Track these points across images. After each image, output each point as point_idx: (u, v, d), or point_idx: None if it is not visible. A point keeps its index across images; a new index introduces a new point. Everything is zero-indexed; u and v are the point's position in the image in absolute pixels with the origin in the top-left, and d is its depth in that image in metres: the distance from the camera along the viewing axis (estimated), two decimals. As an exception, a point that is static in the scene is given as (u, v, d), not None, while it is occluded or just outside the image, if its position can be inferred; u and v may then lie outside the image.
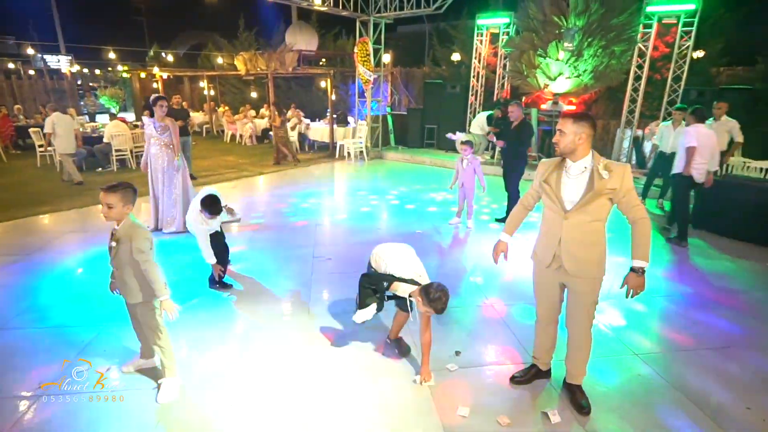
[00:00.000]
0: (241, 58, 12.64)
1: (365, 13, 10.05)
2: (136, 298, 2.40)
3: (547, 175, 2.34)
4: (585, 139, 2.17)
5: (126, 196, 2.27)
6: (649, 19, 8.50)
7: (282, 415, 2.43)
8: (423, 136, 11.88)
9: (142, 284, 2.37)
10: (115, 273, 2.41)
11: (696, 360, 3.02)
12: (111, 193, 2.25)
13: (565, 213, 2.26)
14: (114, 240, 2.31)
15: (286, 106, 14.78)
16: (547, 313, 2.57)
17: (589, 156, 2.22)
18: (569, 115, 2.21)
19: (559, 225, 2.29)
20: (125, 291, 2.40)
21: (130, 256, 2.29)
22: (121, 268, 2.34)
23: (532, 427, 2.39)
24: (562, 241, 2.29)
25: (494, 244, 2.67)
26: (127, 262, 2.31)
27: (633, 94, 8.97)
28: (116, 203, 2.25)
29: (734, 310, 3.73)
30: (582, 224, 2.24)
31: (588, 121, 2.18)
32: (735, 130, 5.95)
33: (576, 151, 2.20)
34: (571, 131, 2.18)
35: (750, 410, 2.55)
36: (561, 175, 2.28)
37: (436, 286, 2.43)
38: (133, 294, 2.39)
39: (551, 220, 2.35)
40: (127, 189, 2.29)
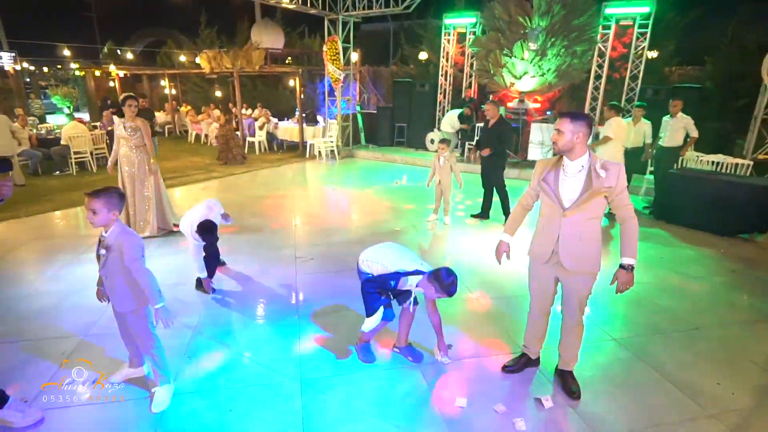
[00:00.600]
0: (204, 56, 12.28)
1: (334, 11, 10.00)
2: (128, 307, 2.32)
3: (545, 173, 2.44)
4: (582, 137, 2.28)
5: (110, 201, 2.18)
6: (608, 21, 8.92)
7: (280, 417, 2.41)
8: (393, 134, 11.96)
9: (134, 292, 2.29)
10: (104, 281, 2.32)
11: (668, 342, 3.23)
12: (94, 198, 2.15)
13: (563, 211, 2.36)
14: (103, 247, 2.22)
15: (252, 106, 14.51)
16: (540, 305, 2.68)
17: (586, 155, 2.32)
18: (567, 114, 2.30)
19: (558, 222, 2.39)
20: (115, 299, 2.32)
21: (120, 263, 2.21)
22: (111, 276, 2.26)
23: (527, 413, 2.49)
24: (561, 237, 2.39)
25: (496, 245, 2.75)
26: (117, 270, 2.23)
27: (594, 92, 9.39)
28: (100, 209, 2.16)
29: (698, 295, 4.01)
30: (580, 222, 2.34)
31: (585, 120, 2.29)
32: (690, 126, 6.35)
33: (574, 150, 2.30)
34: (568, 130, 2.27)
35: (720, 385, 2.76)
36: (559, 174, 2.38)
37: (444, 271, 2.49)
38: (123, 302, 2.31)
39: (549, 218, 2.44)
40: (111, 194, 2.19)
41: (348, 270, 4.36)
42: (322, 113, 13.28)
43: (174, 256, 4.63)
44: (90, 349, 2.97)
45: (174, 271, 4.20)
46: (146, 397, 2.52)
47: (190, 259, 3.71)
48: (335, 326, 3.34)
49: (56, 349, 2.94)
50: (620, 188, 2.29)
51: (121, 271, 2.23)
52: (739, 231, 5.61)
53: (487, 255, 4.90)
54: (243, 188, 7.88)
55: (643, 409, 2.54)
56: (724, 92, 8.15)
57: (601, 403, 2.57)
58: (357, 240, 5.16)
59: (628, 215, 2.34)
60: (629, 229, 2.35)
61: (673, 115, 6.37)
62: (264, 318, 3.47)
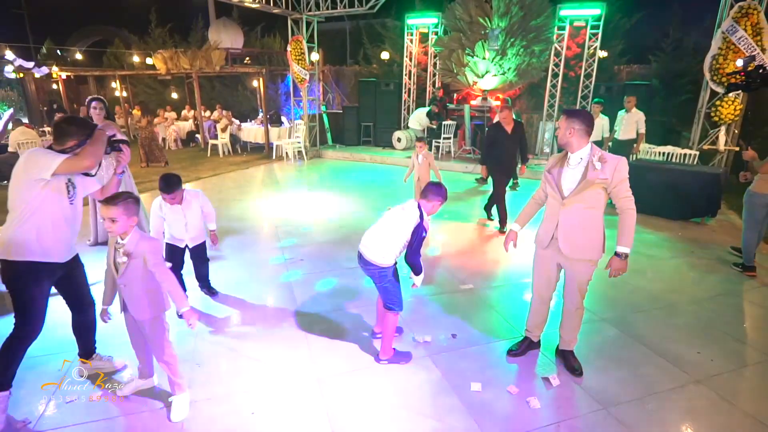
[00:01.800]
0: (160, 57, 11.79)
1: (297, 10, 9.90)
2: (148, 314, 2.25)
3: (551, 166, 2.61)
4: (576, 132, 2.45)
5: (129, 207, 2.11)
6: (562, 22, 9.43)
7: (305, 415, 2.43)
8: (360, 133, 12.01)
9: (155, 298, 2.24)
10: (122, 290, 2.23)
11: (649, 319, 3.52)
12: (113, 206, 2.06)
13: (562, 200, 2.54)
14: (123, 255, 2.14)
15: (210, 107, 14.08)
16: (542, 290, 2.85)
17: (586, 148, 2.50)
18: (564, 112, 2.49)
19: (558, 211, 2.56)
20: (135, 307, 2.25)
21: (143, 269, 2.15)
22: (131, 284, 2.19)
23: (537, 391, 2.65)
24: (560, 225, 2.56)
25: (506, 235, 2.91)
26: (139, 276, 2.17)
27: (552, 90, 9.88)
28: (120, 216, 2.07)
29: (667, 275, 4.37)
30: (578, 210, 2.51)
31: (578, 116, 2.46)
32: (641, 122, 6.85)
33: (571, 143, 2.48)
34: (563, 125, 2.45)
35: (700, 354, 3.05)
36: (563, 166, 2.55)
37: (433, 185, 2.75)
38: (144, 309, 2.24)
39: (552, 207, 2.63)
40: (128, 200, 2.12)
41: (340, 269, 4.40)
42: (285, 113, 13.11)
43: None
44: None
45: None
46: (161, 408, 2.45)
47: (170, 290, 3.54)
48: (339, 324, 3.37)
49: (57, 349, 2.80)
50: (617, 180, 2.45)
51: (143, 277, 2.17)
52: (691, 215, 6.13)
53: (473, 249, 5.09)
54: (213, 191, 7.66)
55: (638, 379, 2.77)
56: (668, 89, 8.85)
57: (600, 378, 2.78)
58: (342, 239, 5.19)
59: (627, 206, 2.49)
60: (626, 219, 2.50)
61: (627, 110, 6.85)
62: (266, 321, 3.44)
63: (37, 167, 2.16)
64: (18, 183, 2.21)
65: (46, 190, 2.21)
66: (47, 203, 2.22)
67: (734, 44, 6.43)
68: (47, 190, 2.22)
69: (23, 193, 2.20)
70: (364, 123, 11.89)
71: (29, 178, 2.17)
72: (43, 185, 2.19)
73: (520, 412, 2.48)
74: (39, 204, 2.20)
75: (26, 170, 2.18)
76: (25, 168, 2.18)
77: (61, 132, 2.28)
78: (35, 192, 2.19)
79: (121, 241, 2.16)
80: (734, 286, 4.12)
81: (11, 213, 2.25)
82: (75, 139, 2.28)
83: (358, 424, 2.38)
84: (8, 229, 2.25)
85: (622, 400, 2.58)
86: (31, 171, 2.16)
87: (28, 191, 2.19)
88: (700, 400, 2.60)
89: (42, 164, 2.16)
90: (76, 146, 2.28)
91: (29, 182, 2.18)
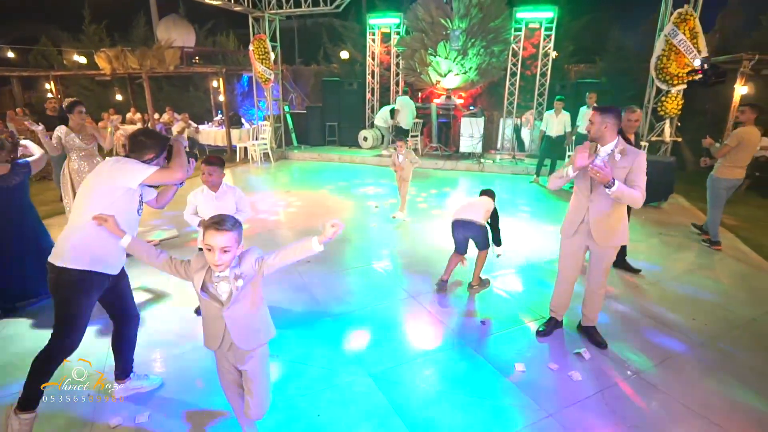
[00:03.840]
0: (103, 56, 10.96)
1: (259, 8, 9.65)
2: (258, 341, 1.97)
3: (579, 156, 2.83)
4: (609, 126, 2.71)
5: (240, 232, 1.82)
6: (519, 24, 9.96)
7: (370, 411, 2.49)
8: (324, 133, 11.94)
9: (263, 319, 2.00)
10: (227, 322, 1.87)
11: (645, 294, 3.91)
12: (226, 232, 1.74)
13: (591, 190, 2.78)
14: (235, 279, 1.82)
15: (160, 109, 13.31)
16: (569, 274, 3.09)
17: (615, 141, 2.76)
18: (596, 108, 2.73)
19: (586, 201, 2.80)
20: (244, 337, 1.91)
21: (258, 287, 1.92)
22: (241, 310, 1.88)
23: (574, 365, 2.89)
24: (590, 214, 2.81)
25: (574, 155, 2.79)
26: (253, 301, 1.91)
27: (511, 88, 10.42)
28: (233, 244, 1.77)
29: (648, 255, 4.83)
30: (607, 200, 2.76)
31: (611, 112, 2.71)
32: (602, 115, 7.44)
33: (604, 136, 2.73)
34: (597, 121, 2.69)
35: (695, 320, 3.46)
36: (592, 157, 2.78)
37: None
38: (255, 337, 1.95)
39: (579, 197, 2.86)
40: (236, 222, 1.81)
41: (351, 268, 4.44)
42: (242, 114, 12.71)
43: (156, 275, 4.25)
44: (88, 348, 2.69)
45: (170, 286, 3.88)
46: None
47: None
48: (371, 320, 3.43)
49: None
50: (636, 169, 2.71)
51: (256, 301, 1.93)
52: (649, 200, 6.78)
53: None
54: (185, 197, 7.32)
55: (653, 347, 3.10)
56: (614, 86, 9.65)
57: (622, 349, 3.07)
58: (341, 238, 5.21)
59: (637, 189, 2.69)
60: (633, 191, 2.64)
61: (589, 105, 7.42)
62: (297, 325, 3.42)
63: (124, 175, 2.13)
64: (93, 189, 2.14)
65: (122, 199, 2.15)
66: (118, 212, 2.13)
67: (675, 46, 7.18)
68: (124, 199, 2.16)
69: (98, 199, 2.11)
70: (328, 123, 11.83)
71: (112, 184, 2.13)
72: (122, 193, 2.15)
73: (566, 386, 2.70)
74: (111, 212, 2.10)
75: (111, 176, 2.13)
76: (109, 174, 2.14)
77: (141, 145, 2.26)
78: (112, 199, 2.12)
79: (221, 274, 1.81)
80: (707, 259, 4.67)
81: (76, 219, 2.16)
82: (153, 152, 2.28)
83: (422, 411, 2.48)
84: (71, 234, 2.14)
85: (647, 365, 2.89)
86: (117, 178, 2.13)
87: (106, 197, 2.11)
88: (709, 358, 2.97)
89: (131, 172, 2.14)
90: (154, 159, 2.28)
91: (110, 189, 2.13)
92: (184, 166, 2.28)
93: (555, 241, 5.23)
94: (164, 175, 2.24)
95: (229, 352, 1.95)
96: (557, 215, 6.29)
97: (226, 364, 2.01)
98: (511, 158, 9.94)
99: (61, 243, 2.15)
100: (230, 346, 1.92)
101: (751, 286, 4.11)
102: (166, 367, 2.86)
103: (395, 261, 4.67)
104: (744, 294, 3.95)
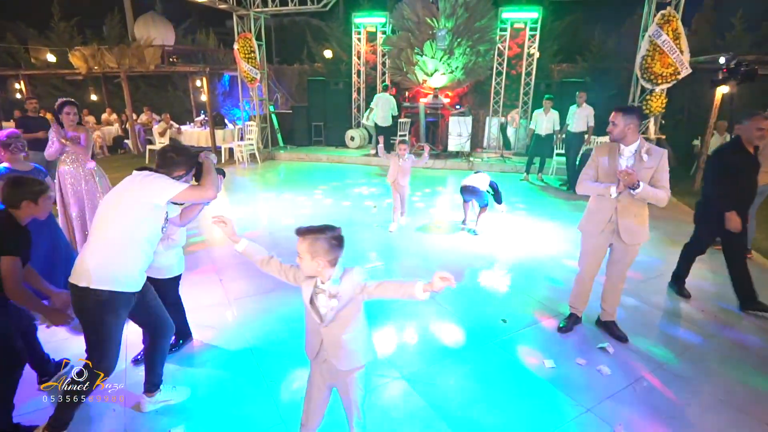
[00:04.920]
0: (79, 54, 10.53)
1: (243, 6, 9.45)
2: (359, 361, 1.85)
3: (600, 158, 2.89)
4: (633, 127, 2.77)
5: (316, 246, 1.69)
6: (504, 24, 10.12)
7: (413, 412, 2.48)
8: (311, 133, 11.80)
9: (361, 345, 1.86)
10: (324, 340, 1.81)
11: (652, 287, 4.04)
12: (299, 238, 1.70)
13: (618, 191, 2.83)
14: (329, 297, 1.74)
15: (137, 110, 12.88)
16: (590, 271, 3.16)
17: (638, 141, 2.82)
18: (620, 109, 2.77)
19: (612, 201, 2.86)
20: (345, 357, 1.82)
21: (357, 309, 1.80)
22: (339, 331, 1.79)
23: (600, 360, 2.95)
24: (618, 213, 2.86)
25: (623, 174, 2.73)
26: (351, 322, 1.80)
27: (496, 87, 10.57)
28: (303, 254, 1.70)
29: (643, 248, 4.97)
30: (632, 199, 2.82)
31: (635, 113, 2.78)
32: (591, 116, 7.63)
33: (627, 137, 2.79)
34: (621, 122, 2.75)
35: (704, 312, 3.60)
36: (615, 157, 2.84)
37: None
38: (349, 359, 1.82)
39: (604, 197, 2.89)
40: (308, 231, 1.71)
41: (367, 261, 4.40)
42: (224, 115, 12.43)
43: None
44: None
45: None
46: None
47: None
48: (394, 320, 3.41)
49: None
50: (661, 169, 2.79)
51: (354, 322, 1.80)
52: (637, 196, 7.03)
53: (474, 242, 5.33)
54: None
55: (672, 339, 3.21)
56: (597, 85, 9.92)
57: (643, 342, 3.16)
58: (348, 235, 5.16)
59: (662, 189, 2.77)
60: (658, 190, 2.74)
61: (579, 104, 7.60)
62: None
63: (152, 191, 2.04)
64: (119, 203, 2.04)
65: (149, 216, 2.07)
66: (144, 229, 2.06)
67: (659, 47, 7.44)
68: (150, 216, 2.08)
69: (125, 214, 2.03)
70: (314, 123, 11.71)
71: (141, 200, 2.03)
72: (150, 209, 2.05)
73: (597, 380, 2.76)
74: (135, 229, 2.02)
75: (140, 191, 2.04)
76: (139, 189, 2.04)
77: (170, 161, 2.19)
78: (141, 215, 2.04)
79: (321, 285, 1.76)
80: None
81: (99, 236, 2.04)
82: (183, 169, 2.22)
83: (462, 411, 2.49)
84: (95, 253, 2.02)
85: (669, 357, 2.98)
86: (145, 194, 2.04)
87: (134, 212, 2.03)
88: (724, 348, 3.10)
89: (162, 189, 2.05)
90: (183, 176, 2.21)
91: (139, 204, 2.04)
92: (215, 184, 2.22)
93: (554, 238, 5.37)
94: (196, 193, 2.17)
95: (323, 365, 1.86)
96: (553, 212, 6.43)
97: (318, 378, 1.91)
98: (499, 156, 10.08)
99: (83, 262, 2.02)
100: (325, 361, 1.84)
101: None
102: (195, 376, 2.77)
103: (407, 261, 4.67)
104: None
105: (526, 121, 10.46)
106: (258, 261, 1.91)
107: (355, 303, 1.77)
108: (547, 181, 8.48)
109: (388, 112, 9.87)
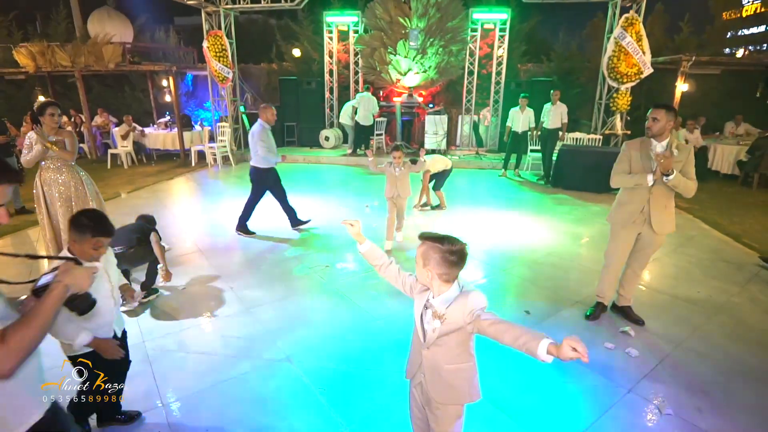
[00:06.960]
0: (25, 52, 9.69)
1: (213, 3, 9.10)
2: (451, 398, 1.69)
3: (633, 150, 3.06)
4: (672, 124, 2.97)
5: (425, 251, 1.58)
6: (475, 24, 10.37)
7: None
8: (283, 134, 11.55)
9: (463, 381, 1.68)
10: (426, 369, 1.67)
11: (649, 271, 4.33)
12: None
13: (653, 183, 3.02)
14: (435, 316, 1.57)
15: (91, 111, 12.04)
16: (620, 260, 3.34)
17: (669, 138, 3.01)
18: (663, 106, 2.94)
19: (647, 191, 3.04)
20: (436, 387, 1.68)
21: (466, 340, 1.61)
22: (440, 359, 1.63)
23: (624, 343, 3.14)
24: (651, 204, 3.05)
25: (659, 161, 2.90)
26: (455, 353, 1.61)
27: (468, 86, 10.83)
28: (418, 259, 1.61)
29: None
30: (664, 191, 3.02)
31: (674, 111, 2.97)
32: (564, 113, 8.01)
33: (664, 134, 2.97)
34: (664, 118, 2.92)
35: (700, 293, 3.91)
36: (648, 151, 3.02)
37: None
38: (446, 393, 1.67)
39: (637, 190, 3.08)
40: (454, 244, 1.56)
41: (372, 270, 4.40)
42: (188, 115, 11.91)
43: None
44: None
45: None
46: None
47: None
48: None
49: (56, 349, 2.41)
50: (688, 164, 2.97)
51: (460, 353, 1.62)
52: (610, 189, 7.45)
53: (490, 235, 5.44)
54: (157, 207, 6.74)
55: (681, 321, 3.47)
56: (563, 84, 10.42)
57: (656, 325, 3.39)
58: (340, 234, 5.13)
59: (692, 181, 2.96)
60: (688, 180, 2.95)
61: (553, 102, 7.95)
62: (350, 332, 3.34)
63: None
64: None
65: None
66: None
67: (624, 48, 7.94)
68: None
69: None
70: (287, 123, 11.47)
71: None
72: None
73: (628, 362, 2.94)
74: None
75: None
76: None
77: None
78: None
79: (431, 300, 1.61)
80: (683, 238, 5.25)
81: None
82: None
83: (515, 400, 2.57)
84: None
85: (683, 337, 3.22)
86: None
87: None
88: (727, 325, 3.39)
89: None
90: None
91: None
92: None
93: (546, 231, 5.58)
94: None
95: (417, 387, 1.77)
96: (536, 206, 6.70)
97: (415, 400, 1.82)
98: (474, 154, 10.35)
99: None
100: (420, 383, 1.74)
101: (724, 258, 4.71)
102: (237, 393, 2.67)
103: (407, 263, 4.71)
104: (723, 265, 4.52)
105: (496, 119, 10.80)
106: (377, 266, 1.83)
107: (463, 332, 1.56)
108: (524, 176, 8.81)
109: (370, 111, 9.88)
